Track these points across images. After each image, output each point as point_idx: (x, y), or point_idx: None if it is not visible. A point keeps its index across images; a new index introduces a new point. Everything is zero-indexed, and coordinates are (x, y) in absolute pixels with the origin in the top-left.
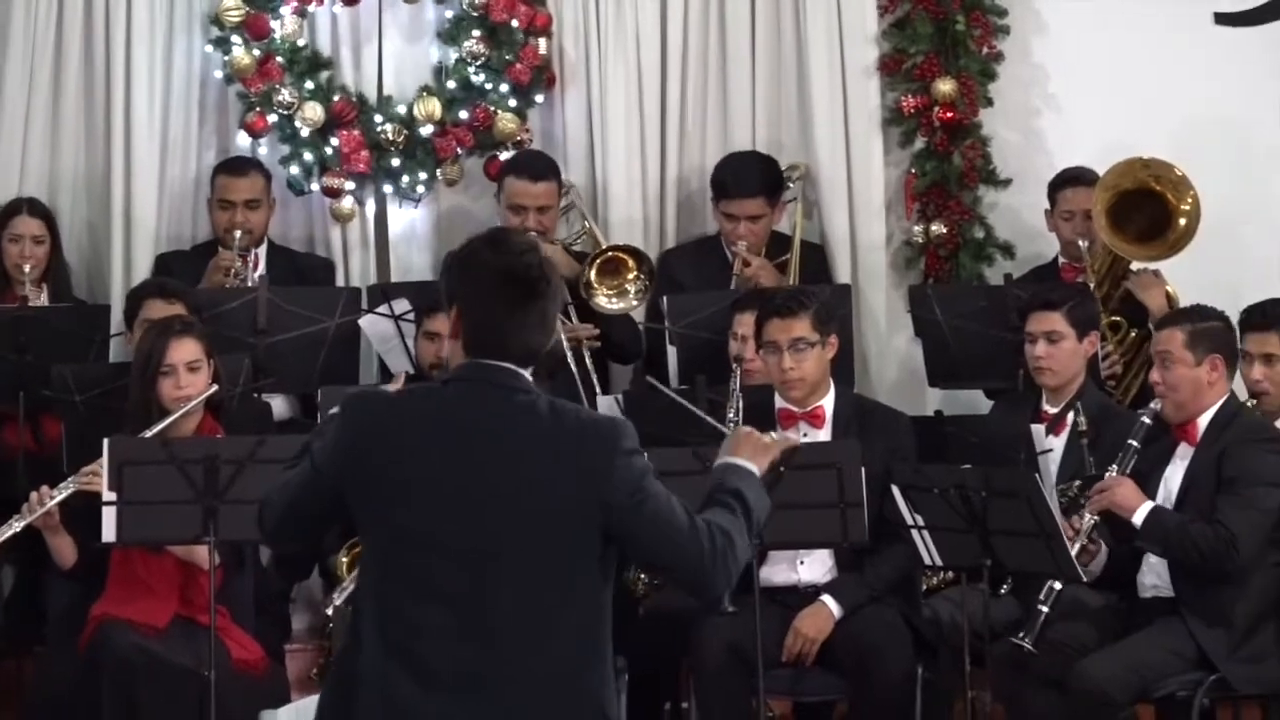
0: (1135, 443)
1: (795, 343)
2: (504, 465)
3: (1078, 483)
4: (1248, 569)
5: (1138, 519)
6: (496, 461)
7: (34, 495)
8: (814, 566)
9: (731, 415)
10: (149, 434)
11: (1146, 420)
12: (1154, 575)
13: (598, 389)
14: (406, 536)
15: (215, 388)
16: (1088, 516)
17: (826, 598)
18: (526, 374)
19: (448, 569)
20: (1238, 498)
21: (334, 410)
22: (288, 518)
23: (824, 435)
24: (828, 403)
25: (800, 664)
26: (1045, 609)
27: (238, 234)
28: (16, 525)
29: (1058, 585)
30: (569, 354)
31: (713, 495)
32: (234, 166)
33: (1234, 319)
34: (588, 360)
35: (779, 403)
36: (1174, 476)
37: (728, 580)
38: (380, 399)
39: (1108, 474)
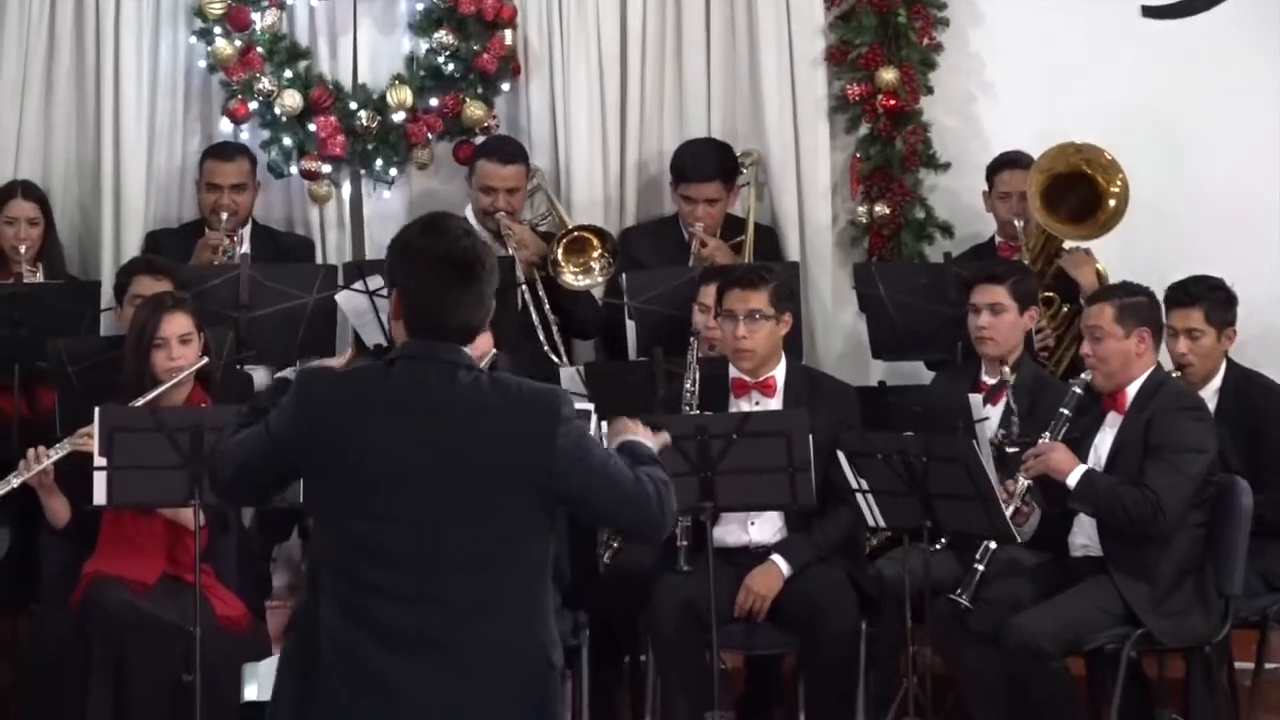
0: (1067, 411)
1: (751, 313)
2: (450, 438)
3: (1001, 431)
4: (1172, 529)
5: (1071, 481)
6: (443, 434)
7: (30, 453)
8: (764, 528)
9: (689, 385)
10: (138, 403)
11: (1078, 390)
12: (1084, 535)
13: (565, 360)
14: (359, 508)
15: (206, 360)
16: (1022, 481)
17: (776, 557)
18: (467, 350)
19: (399, 537)
20: (1164, 463)
21: (286, 371)
22: (241, 476)
23: (775, 404)
24: (779, 374)
25: (751, 619)
26: (980, 568)
27: (224, 215)
28: (14, 481)
29: (993, 545)
30: (539, 327)
31: (636, 461)
32: (221, 152)
33: (1160, 295)
34: (555, 334)
35: (733, 373)
36: (1103, 442)
37: (674, 520)
38: (331, 377)
39: (1041, 440)
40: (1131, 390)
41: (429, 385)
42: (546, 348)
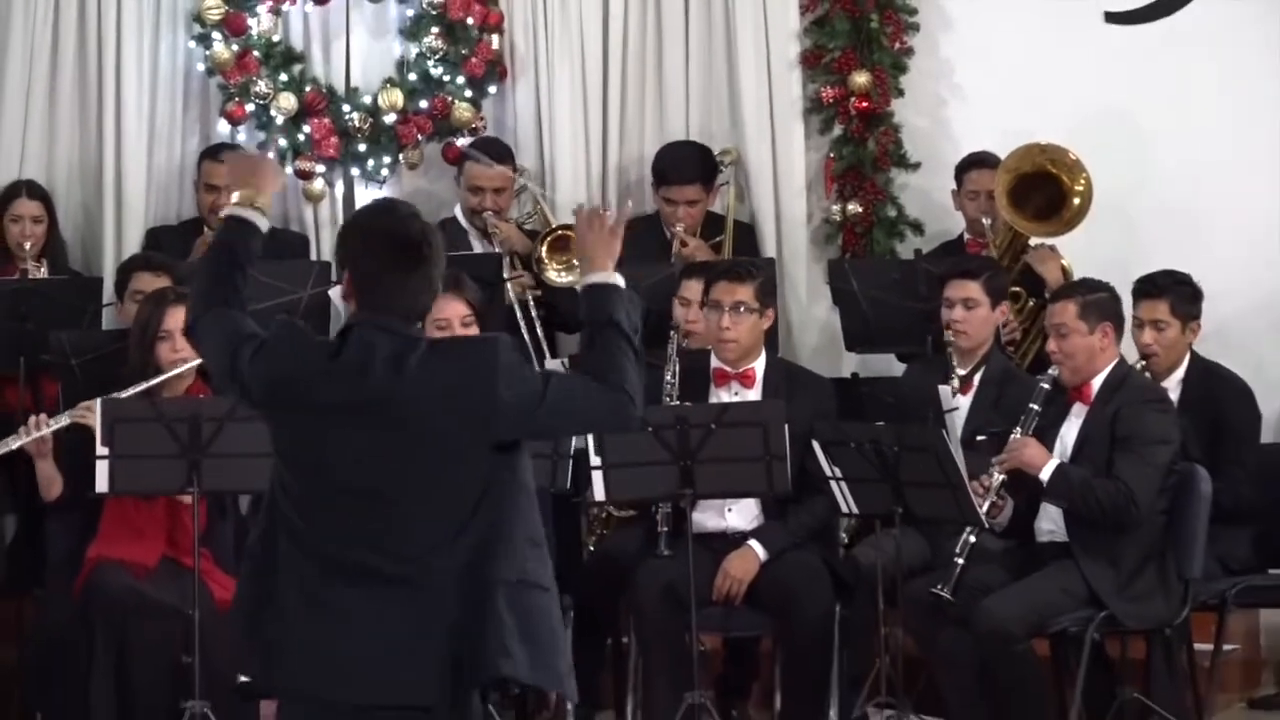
0: (1036, 406)
1: (737, 305)
2: (402, 396)
3: (981, 438)
4: (1144, 519)
5: (1044, 475)
6: (396, 394)
7: (31, 420)
8: (741, 514)
9: (669, 377)
10: (136, 389)
11: (1046, 386)
12: (1050, 522)
13: (546, 354)
14: (317, 456)
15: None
16: (996, 475)
17: (753, 542)
18: (413, 330)
19: (359, 486)
20: (1133, 455)
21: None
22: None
23: (754, 395)
24: (759, 366)
25: (729, 602)
26: (961, 561)
27: (222, 214)
28: (13, 443)
29: (972, 539)
30: (520, 321)
31: (593, 331)
32: (219, 154)
33: (1123, 289)
34: (538, 328)
35: (714, 363)
36: (1069, 433)
37: (643, 400)
38: (303, 339)
39: (1013, 436)
40: (1096, 383)
41: (378, 346)
42: (528, 340)
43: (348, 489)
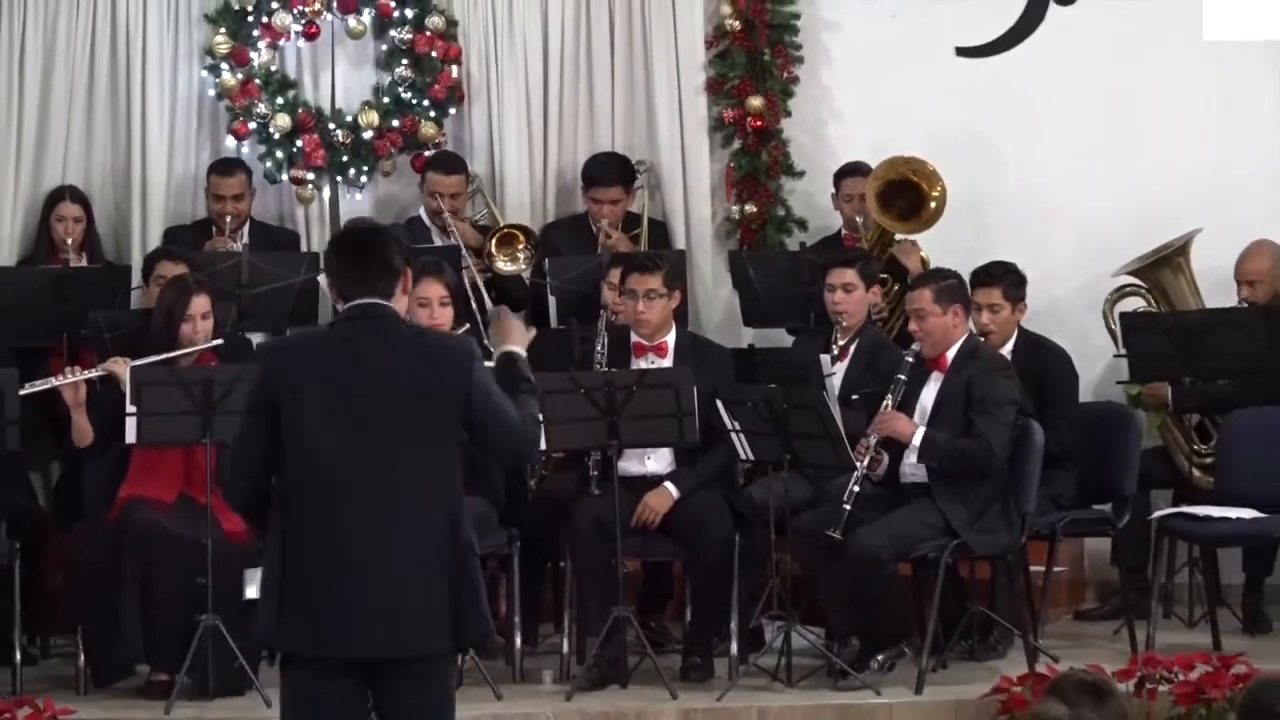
0: (903, 377)
1: (649, 292)
2: (387, 377)
3: (855, 397)
4: (1002, 465)
5: (915, 441)
6: (380, 374)
7: (67, 370)
8: (658, 461)
9: (599, 348)
10: (158, 358)
11: (910, 359)
12: (912, 466)
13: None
14: (321, 432)
15: (220, 341)
16: (872, 437)
17: (667, 483)
18: (391, 304)
19: (353, 454)
20: (989, 415)
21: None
22: (238, 469)
23: (667, 363)
24: (670, 339)
25: (645, 529)
26: (847, 507)
27: (228, 218)
28: (53, 381)
29: (856, 488)
30: (472, 302)
31: (512, 384)
32: (224, 168)
33: (968, 276)
34: (488, 306)
35: (634, 338)
36: (928, 396)
37: (535, 449)
38: (283, 340)
39: (884, 405)
40: (950, 354)
41: (365, 335)
42: (479, 320)
43: (352, 465)
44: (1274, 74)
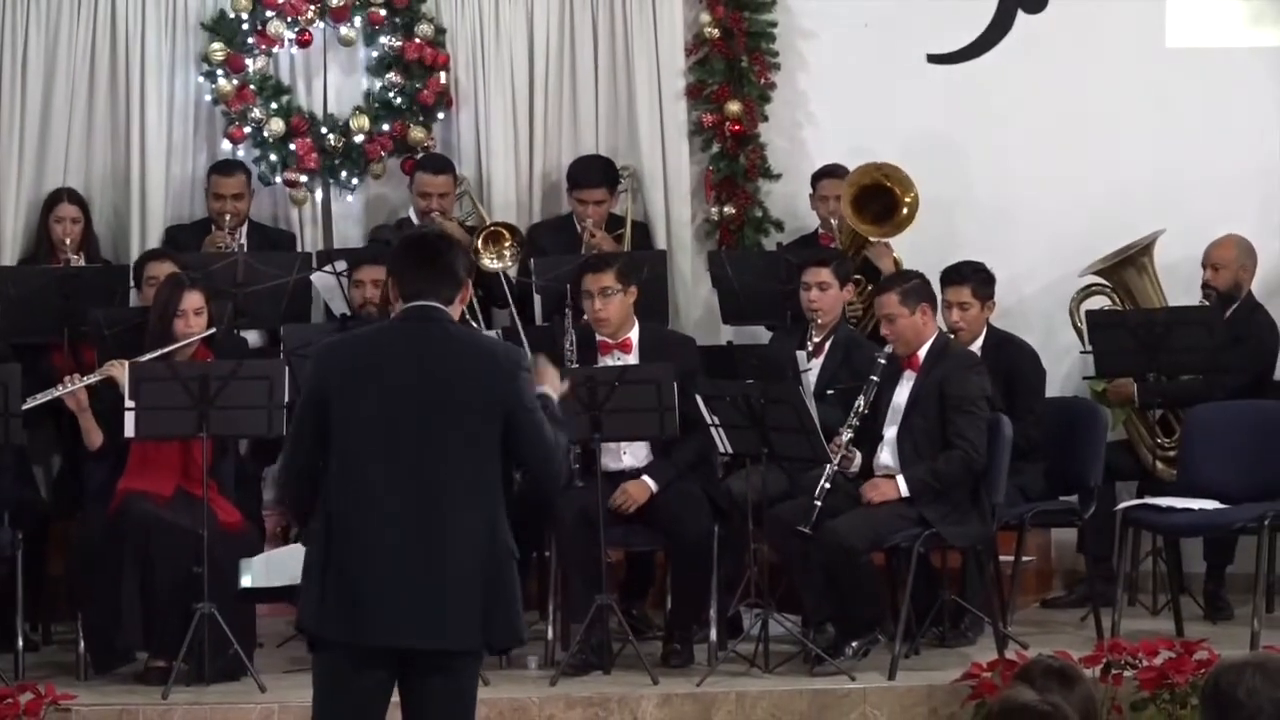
0: (875, 378)
1: (603, 290)
2: (437, 377)
3: (830, 392)
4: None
5: (904, 492)
6: (431, 374)
7: (67, 378)
8: (634, 455)
9: (568, 346)
10: (155, 354)
11: (882, 360)
12: (886, 457)
13: (481, 324)
14: (369, 427)
15: (213, 330)
16: (846, 434)
17: (645, 476)
18: (449, 310)
19: (402, 452)
20: (967, 414)
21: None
22: (290, 463)
23: (632, 359)
24: (634, 335)
25: (621, 514)
26: (819, 503)
27: (227, 217)
28: (55, 391)
29: (828, 485)
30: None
31: (551, 418)
32: (225, 169)
33: (937, 276)
34: (474, 303)
35: (599, 336)
36: (901, 395)
37: (561, 480)
38: (340, 339)
39: (857, 404)
40: (922, 352)
41: (422, 336)
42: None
43: (398, 460)
44: (1234, 80)
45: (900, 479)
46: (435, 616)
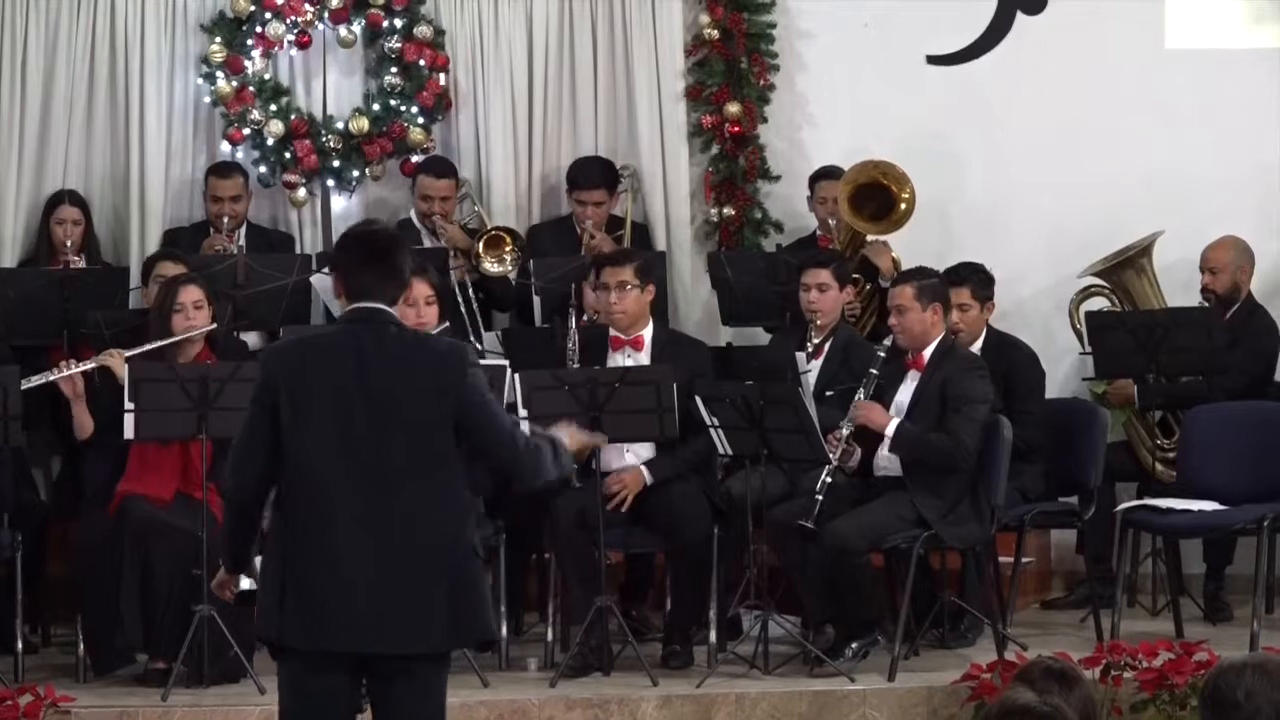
0: (875, 371)
1: (621, 284)
2: (389, 377)
3: (830, 393)
4: (972, 461)
5: (888, 432)
6: (384, 375)
7: (63, 363)
8: (639, 452)
9: (570, 347)
10: (151, 346)
11: (882, 354)
12: (885, 459)
13: (482, 327)
14: (322, 435)
15: (214, 325)
16: (845, 429)
17: (642, 467)
18: (394, 311)
19: (354, 456)
20: (961, 413)
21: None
22: (239, 461)
23: (644, 358)
24: (647, 333)
25: (618, 506)
26: (820, 497)
27: (225, 219)
28: (50, 376)
29: (829, 479)
30: (460, 301)
31: (544, 442)
32: (222, 170)
33: None
34: (475, 306)
35: (611, 332)
36: (904, 394)
37: (533, 475)
38: (285, 344)
39: (857, 397)
40: (928, 352)
41: (367, 339)
42: (465, 317)
43: (353, 464)
44: (1233, 81)
45: (894, 422)
46: (395, 620)
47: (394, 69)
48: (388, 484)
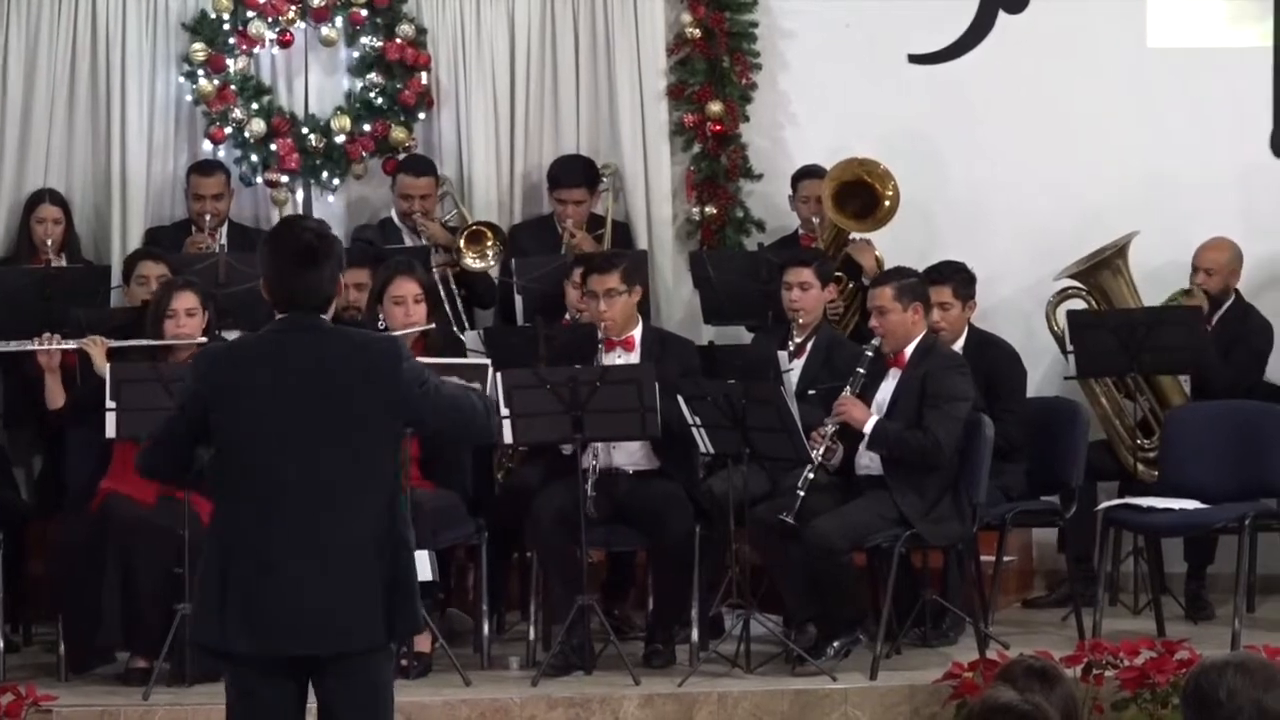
0: (862, 370)
1: (608, 291)
2: (318, 381)
3: (812, 392)
4: (949, 460)
5: (866, 429)
6: (312, 380)
7: (45, 335)
8: (626, 449)
9: (542, 351)
10: (137, 342)
11: (869, 354)
12: (867, 458)
13: (465, 324)
14: (250, 438)
15: (204, 339)
16: (829, 426)
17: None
18: (325, 317)
19: (284, 459)
20: (939, 411)
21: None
22: (156, 450)
23: (634, 358)
24: (637, 334)
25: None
26: (802, 493)
27: (208, 217)
28: (28, 345)
29: (811, 475)
30: (444, 297)
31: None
32: (204, 169)
33: None
34: (459, 303)
35: (601, 334)
36: (885, 391)
37: (487, 434)
38: (218, 347)
39: (843, 394)
40: (908, 351)
41: (300, 342)
42: (450, 316)
43: (286, 468)
44: (1214, 80)
45: (874, 419)
46: (334, 620)
47: (376, 68)
48: (322, 485)
